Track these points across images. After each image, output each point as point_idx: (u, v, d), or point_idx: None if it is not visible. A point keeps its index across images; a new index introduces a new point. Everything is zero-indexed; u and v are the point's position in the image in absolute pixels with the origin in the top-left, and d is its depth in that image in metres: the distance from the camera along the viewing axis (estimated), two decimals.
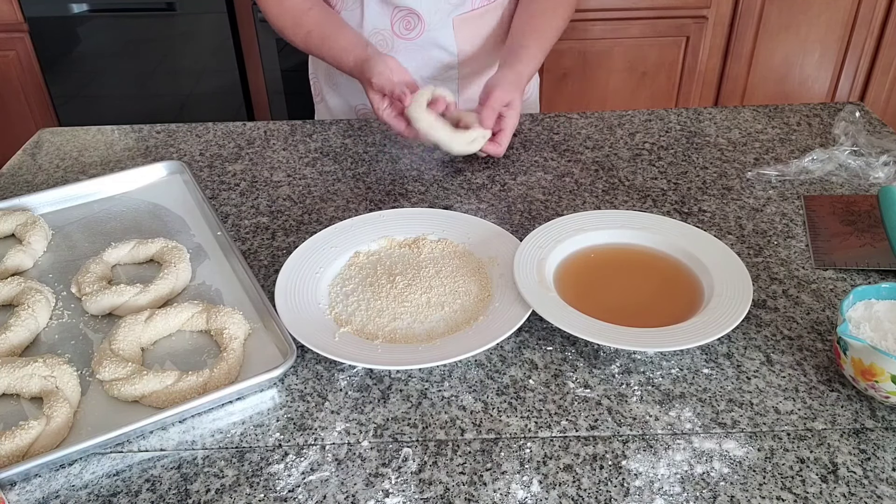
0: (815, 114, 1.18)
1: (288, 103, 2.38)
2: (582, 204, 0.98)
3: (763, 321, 0.78)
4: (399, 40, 1.17)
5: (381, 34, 1.17)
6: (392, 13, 1.16)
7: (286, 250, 0.90)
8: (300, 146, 1.14)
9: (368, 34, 1.17)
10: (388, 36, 1.17)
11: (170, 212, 0.98)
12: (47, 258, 0.90)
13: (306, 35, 1.12)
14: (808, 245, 0.89)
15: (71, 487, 0.63)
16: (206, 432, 0.68)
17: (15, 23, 2.25)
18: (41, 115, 2.42)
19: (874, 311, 0.71)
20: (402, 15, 1.15)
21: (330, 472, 0.64)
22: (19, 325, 0.76)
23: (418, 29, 1.16)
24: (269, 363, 0.73)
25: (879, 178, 1.01)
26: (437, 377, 0.73)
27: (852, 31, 2.27)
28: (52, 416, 0.66)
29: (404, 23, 1.16)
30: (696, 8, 2.23)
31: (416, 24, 1.16)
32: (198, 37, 2.28)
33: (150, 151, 1.13)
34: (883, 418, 0.67)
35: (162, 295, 0.81)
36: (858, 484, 0.62)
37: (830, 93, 2.41)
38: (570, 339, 0.76)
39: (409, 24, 1.16)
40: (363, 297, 0.81)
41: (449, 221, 0.91)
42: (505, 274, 0.82)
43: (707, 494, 0.61)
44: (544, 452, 0.65)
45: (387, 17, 1.16)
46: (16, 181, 1.08)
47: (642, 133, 1.14)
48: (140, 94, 2.38)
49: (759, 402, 0.69)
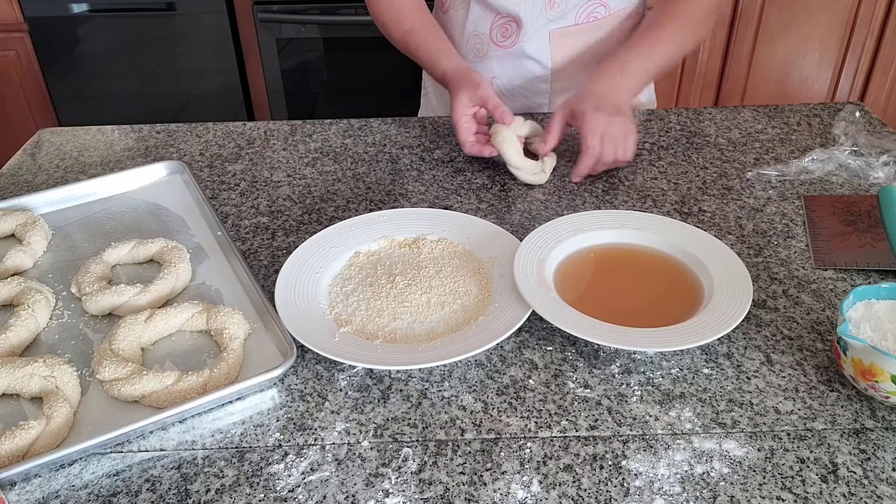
0: (815, 114, 1.18)
1: (288, 103, 2.38)
2: (582, 204, 0.98)
3: (763, 321, 0.78)
4: (494, 47, 1.19)
5: (480, 38, 1.20)
6: (493, 19, 1.18)
7: (286, 250, 0.90)
8: (300, 146, 1.14)
9: (468, 36, 1.21)
10: (485, 40, 1.20)
11: (170, 212, 0.98)
12: (47, 258, 0.90)
13: (406, 32, 1.14)
14: (808, 245, 0.89)
15: (71, 487, 0.63)
16: (206, 432, 0.68)
17: (15, 23, 2.25)
18: (41, 115, 2.42)
19: (874, 311, 0.71)
20: (502, 22, 1.17)
21: (330, 472, 0.64)
22: (19, 325, 0.76)
23: (513, 38, 1.17)
24: (269, 363, 0.73)
25: (879, 178, 1.01)
26: (437, 377, 0.73)
27: (852, 31, 2.27)
28: (52, 416, 0.66)
29: (502, 30, 1.17)
30: None
31: (512, 31, 1.17)
32: (198, 37, 2.28)
33: (150, 151, 1.13)
34: (883, 418, 0.67)
35: (162, 295, 0.81)
36: (858, 484, 0.62)
37: (830, 93, 2.40)
38: (570, 339, 0.76)
39: (507, 32, 1.17)
40: (363, 297, 0.81)
41: (449, 221, 0.91)
42: (505, 274, 0.82)
43: (707, 494, 0.61)
44: (544, 452, 0.65)
45: (487, 22, 1.18)
46: (16, 181, 1.08)
47: (642, 133, 1.14)
48: (140, 94, 2.38)
49: (759, 402, 0.69)
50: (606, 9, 1.15)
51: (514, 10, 1.14)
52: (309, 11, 2.21)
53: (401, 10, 1.15)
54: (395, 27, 1.16)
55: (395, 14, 1.15)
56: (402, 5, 1.15)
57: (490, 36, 1.18)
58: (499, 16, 1.17)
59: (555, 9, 1.14)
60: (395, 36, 1.17)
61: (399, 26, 1.15)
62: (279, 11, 2.21)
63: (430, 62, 1.12)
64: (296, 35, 2.25)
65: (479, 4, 1.18)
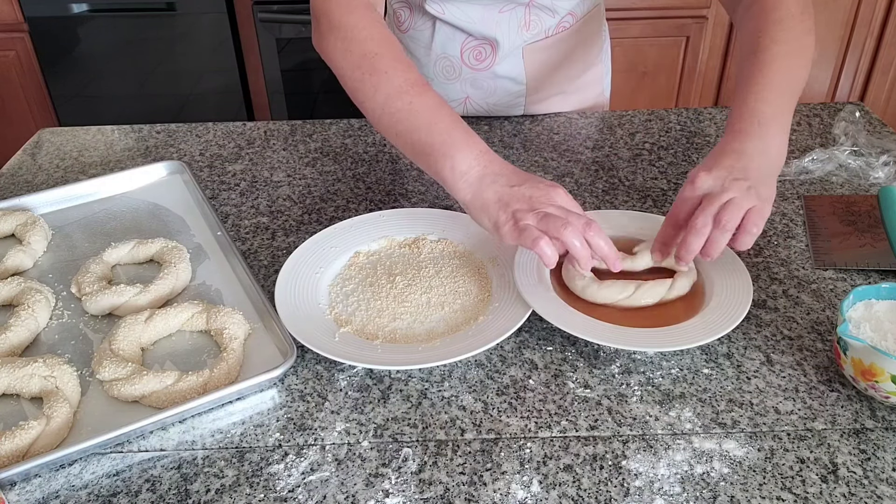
0: (815, 114, 1.18)
1: (288, 103, 2.38)
2: (582, 204, 0.98)
3: (763, 321, 0.78)
4: (467, 69, 1.13)
5: (450, 60, 1.12)
6: (464, 41, 1.10)
7: (286, 250, 0.90)
8: (300, 146, 1.14)
9: (436, 57, 1.13)
10: (456, 63, 1.12)
11: (170, 212, 0.98)
12: (47, 258, 0.90)
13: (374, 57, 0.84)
14: (808, 245, 0.89)
15: (71, 487, 0.63)
16: (206, 432, 0.68)
17: (15, 23, 2.25)
18: (41, 115, 2.42)
19: (874, 311, 0.71)
20: (475, 44, 1.10)
21: (330, 473, 0.64)
22: (19, 325, 0.76)
23: (489, 60, 1.11)
24: (269, 363, 0.73)
25: (879, 178, 1.01)
26: (437, 377, 0.73)
27: (852, 31, 2.27)
28: (52, 416, 0.66)
29: (475, 52, 1.10)
30: (696, 8, 2.23)
31: (487, 54, 1.10)
32: (198, 37, 2.28)
33: (150, 151, 1.13)
34: (883, 418, 0.67)
35: (162, 295, 0.81)
36: (858, 484, 0.62)
37: (830, 93, 2.41)
38: (570, 339, 0.76)
39: (481, 55, 1.10)
40: (363, 297, 0.81)
41: (449, 221, 0.91)
42: (505, 274, 0.82)
43: (707, 494, 0.61)
44: (544, 452, 0.65)
45: (457, 44, 1.11)
46: (16, 181, 1.08)
47: (642, 133, 1.14)
48: (140, 94, 2.38)
49: (759, 402, 0.69)
50: (574, 17, 1.13)
51: (492, 34, 1.08)
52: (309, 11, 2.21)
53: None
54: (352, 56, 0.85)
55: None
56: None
57: (462, 58, 1.12)
58: (471, 38, 1.10)
59: (531, 30, 1.10)
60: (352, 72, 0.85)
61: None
62: (279, 11, 2.21)
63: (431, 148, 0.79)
64: (296, 35, 2.25)
65: (447, 25, 1.09)
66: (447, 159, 0.76)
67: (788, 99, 0.80)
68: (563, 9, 1.09)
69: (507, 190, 0.74)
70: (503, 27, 1.08)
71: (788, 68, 0.80)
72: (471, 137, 0.78)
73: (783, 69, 0.80)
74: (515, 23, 1.08)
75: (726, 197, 0.72)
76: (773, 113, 0.78)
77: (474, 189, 0.76)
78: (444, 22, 1.09)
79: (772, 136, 0.77)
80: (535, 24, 1.09)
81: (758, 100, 0.78)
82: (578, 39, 1.17)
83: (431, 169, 0.79)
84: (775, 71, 0.80)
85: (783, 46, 0.81)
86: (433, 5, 1.06)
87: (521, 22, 1.08)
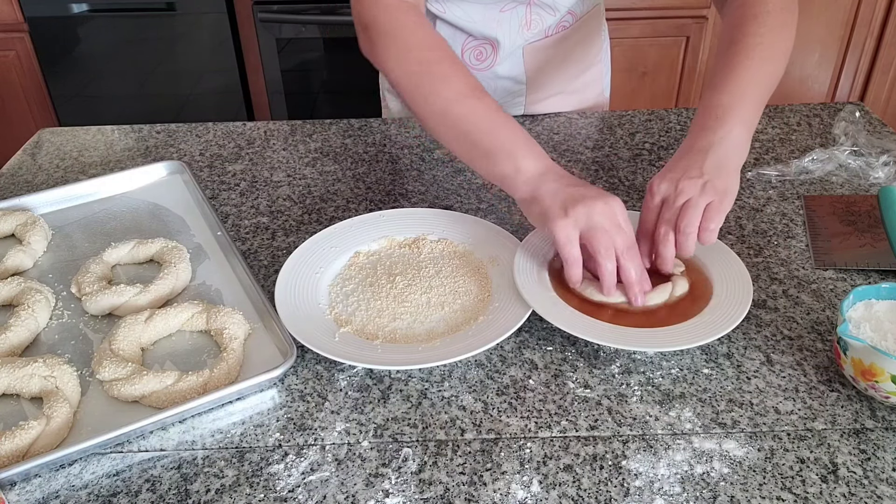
0: (815, 114, 1.18)
1: (288, 103, 2.38)
2: None
3: (763, 321, 0.78)
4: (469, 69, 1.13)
5: None
6: (464, 41, 1.10)
7: (286, 250, 0.90)
8: (300, 146, 1.14)
9: None
10: None
11: (170, 212, 0.98)
12: (47, 258, 0.90)
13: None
14: (808, 245, 0.89)
15: (71, 487, 0.63)
16: (206, 432, 0.68)
17: (15, 23, 2.25)
18: (41, 115, 2.42)
19: (874, 311, 0.71)
20: (476, 45, 1.09)
21: (330, 473, 0.64)
22: (19, 325, 0.76)
23: (490, 60, 1.11)
24: (269, 363, 0.73)
25: (879, 178, 1.01)
26: (437, 377, 0.73)
27: (852, 31, 2.27)
28: (52, 416, 0.66)
29: (476, 53, 1.09)
30: (696, 8, 2.23)
31: (488, 54, 1.10)
32: (198, 37, 2.28)
33: (150, 151, 1.13)
34: (883, 418, 0.67)
35: (162, 295, 0.81)
36: (858, 484, 0.62)
37: (830, 93, 2.41)
38: (570, 339, 0.76)
39: (482, 55, 1.10)
40: (363, 297, 0.81)
41: (449, 221, 0.91)
42: (505, 274, 0.82)
43: (707, 494, 0.61)
44: (544, 452, 0.65)
45: (457, 44, 1.10)
46: (16, 181, 1.08)
47: (642, 133, 1.14)
48: (140, 94, 2.38)
49: (759, 402, 0.69)
50: (574, 16, 1.13)
51: (493, 34, 1.08)
52: (309, 11, 2.21)
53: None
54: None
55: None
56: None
57: (462, 58, 1.10)
58: (471, 38, 1.10)
59: (531, 29, 1.10)
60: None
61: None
62: (279, 11, 2.21)
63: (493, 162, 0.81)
64: (296, 35, 2.25)
65: (448, 25, 1.09)
66: (511, 159, 0.79)
67: (753, 91, 0.79)
68: (564, 6, 1.10)
69: (565, 188, 0.76)
70: (504, 26, 1.08)
71: (754, 60, 0.80)
72: (532, 141, 0.81)
73: (748, 62, 0.80)
74: (516, 22, 1.08)
75: (682, 199, 0.74)
76: (731, 103, 0.78)
77: (533, 185, 0.78)
78: (445, 22, 1.09)
79: (729, 127, 0.77)
80: (536, 23, 1.09)
81: (719, 93, 0.79)
82: (578, 39, 1.17)
83: (492, 169, 0.81)
84: (738, 64, 0.80)
85: (753, 40, 0.81)
86: (434, 5, 1.07)
87: (522, 21, 1.08)
